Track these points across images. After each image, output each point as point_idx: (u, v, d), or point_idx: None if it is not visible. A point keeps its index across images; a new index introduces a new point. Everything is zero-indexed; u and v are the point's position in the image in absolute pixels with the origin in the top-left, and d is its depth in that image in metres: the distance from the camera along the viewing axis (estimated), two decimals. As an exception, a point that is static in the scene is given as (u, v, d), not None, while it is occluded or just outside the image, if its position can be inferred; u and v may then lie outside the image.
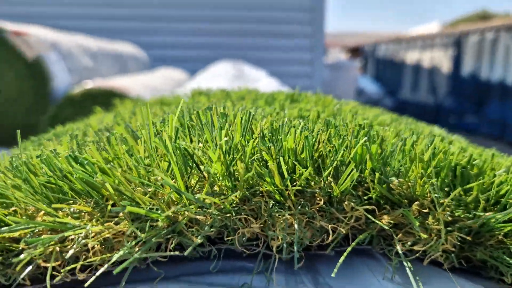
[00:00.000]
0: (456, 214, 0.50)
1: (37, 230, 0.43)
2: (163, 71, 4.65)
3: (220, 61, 4.61)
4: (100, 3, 5.39)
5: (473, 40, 7.97)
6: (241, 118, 0.48)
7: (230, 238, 0.45)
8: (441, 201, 0.51)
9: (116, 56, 4.42)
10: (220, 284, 0.49)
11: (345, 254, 0.45)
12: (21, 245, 0.41)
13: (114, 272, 0.38)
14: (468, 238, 0.50)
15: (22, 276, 0.40)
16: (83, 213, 0.44)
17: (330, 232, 0.45)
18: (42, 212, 0.44)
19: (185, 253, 0.40)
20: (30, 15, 4.91)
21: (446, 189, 0.53)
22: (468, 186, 0.52)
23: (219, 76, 3.47)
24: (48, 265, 0.40)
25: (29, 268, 0.41)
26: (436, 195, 0.49)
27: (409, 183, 0.50)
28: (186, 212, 0.43)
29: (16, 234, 0.42)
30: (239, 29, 5.76)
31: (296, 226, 0.44)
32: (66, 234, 0.40)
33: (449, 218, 0.50)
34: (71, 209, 0.43)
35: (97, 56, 3.97)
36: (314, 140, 0.50)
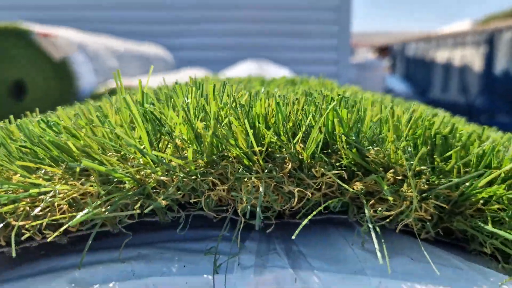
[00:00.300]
0: (431, 180, 0.49)
1: (11, 192, 0.44)
2: (187, 71, 4.70)
3: (245, 61, 4.62)
4: (127, 6, 5.49)
5: (507, 38, 7.74)
6: (214, 85, 0.48)
7: (197, 200, 0.46)
8: (417, 169, 0.50)
9: (141, 57, 4.49)
10: (193, 250, 0.49)
11: (309, 217, 0.45)
12: (-7, 205, 0.42)
13: (72, 224, 0.39)
14: (445, 205, 0.49)
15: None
16: (55, 176, 0.45)
17: (296, 196, 0.45)
18: (18, 175, 0.45)
19: (145, 210, 0.41)
20: (63, 19, 5.04)
21: (427, 158, 0.52)
22: (447, 154, 0.51)
23: (241, 75, 3.49)
24: (16, 223, 0.42)
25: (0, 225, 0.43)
26: (408, 160, 0.48)
27: (386, 152, 0.50)
28: (153, 174, 0.44)
29: (-10, 195, 0.44)
30: (265, 29, 5.76)
31: (261, 188, 0.44)
32: (31, 191, 0.41)
33: (425, 186, 0.49)
34: (42, 171, 0.45)
35: (123, 57, 4.05)
36: (288, 108, 0.50)
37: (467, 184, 0.49)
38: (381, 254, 0.50)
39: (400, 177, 0.49)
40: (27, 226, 0.42)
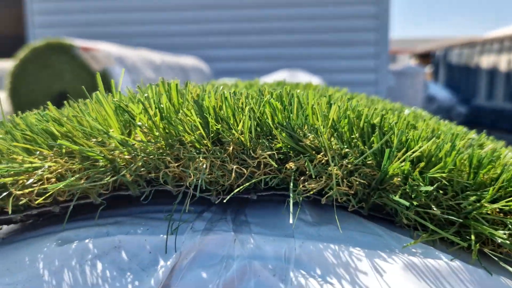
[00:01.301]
0: (356, 161, 0.58)
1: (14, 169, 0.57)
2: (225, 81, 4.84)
3: (280, 71, 4.73)
4: (167, 21, 5.74)
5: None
6: (176, 84, 0.60)
7: (158, 175, 0.57)
8: (343, 151, 0.60)
9: (178, 68, 4.67)
10: (160, 218, 0.61)
11: (241, 187, 0.55)
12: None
13: (52, 187, 0.51)
14: (364, 181, 0.58)
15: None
16: (48, 157, 0.58)
17: (233, 171, 0.55)
18: (21, 156, 0.58)
19: (110, 179, 0.53)
20: (104, 35, 5.33)
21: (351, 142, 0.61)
22: (371, 139, 0.60)
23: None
24: (15, 192, 0.54)
25: (4, 194, 0.55)
26: (338, 145, 0.58)
27: (318, 137, 0.60)
28: (121, 154, 0.56)
29: (-2, 171, 0.57)
30: (302, 39, 5.85)
31: (205, 165, 0.55)
32: (25, 165, 0.54)
33: (350, 166, 0.58)
34: (38, 153, 0.57)
35: (160, 68, 4.24)
36: (236, 101, 0.61)
37: (386, 164, 0.58)
38: (311, 222, 0.60)
39: (326, 158, 0.58)
40: (21, 193, 0.54)
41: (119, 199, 0.64)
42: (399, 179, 0.58)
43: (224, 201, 0.56)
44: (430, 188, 0.53)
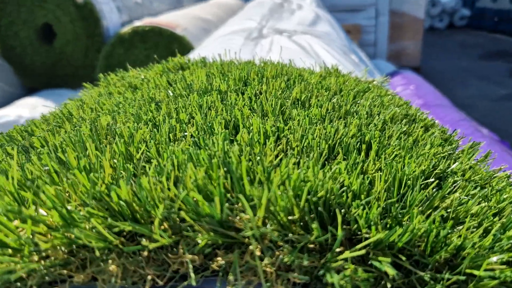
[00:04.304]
0: (288, 256, 0.51)
1: None
2: (217, 0, 4.60)
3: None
4: None
5: None
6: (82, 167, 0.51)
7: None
8: (278, 242, 0.52)
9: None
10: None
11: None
12: None
13: None
14: (301, 281, 0.51)
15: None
16: None
17: (149, 277, 0.49)
18: None
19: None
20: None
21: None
22: (312, 225, 0.52)
23: (263, 4, 3.42)
24: None
25: None
26: (260, 233, 0.50)
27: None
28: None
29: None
30: None
31: (115, 275, 0.48)
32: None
33: (285, 259, 0.51)
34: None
35: (147, -15, 3.98)
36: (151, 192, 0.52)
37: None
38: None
39: (259, 253, 0.51)
40: None
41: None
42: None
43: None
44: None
